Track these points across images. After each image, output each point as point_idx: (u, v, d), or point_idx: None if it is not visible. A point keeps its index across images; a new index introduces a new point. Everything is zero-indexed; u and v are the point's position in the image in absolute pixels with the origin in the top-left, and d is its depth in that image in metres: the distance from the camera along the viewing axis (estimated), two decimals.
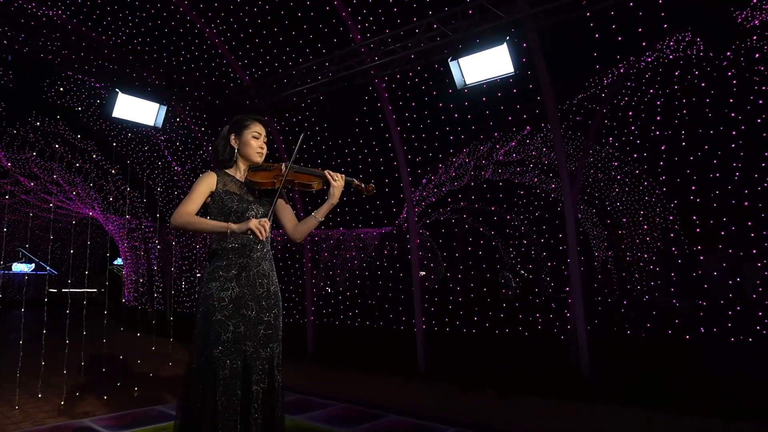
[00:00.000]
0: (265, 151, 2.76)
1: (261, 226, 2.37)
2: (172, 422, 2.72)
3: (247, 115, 2.78)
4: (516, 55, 4.64)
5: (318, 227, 2.85)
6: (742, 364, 6.50)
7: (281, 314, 2.75)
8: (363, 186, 2.71)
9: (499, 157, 14.40)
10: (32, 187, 15.68)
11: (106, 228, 17.12)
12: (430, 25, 5.49)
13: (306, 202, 7.83)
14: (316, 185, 2.68)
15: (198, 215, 2.61)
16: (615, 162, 10.20)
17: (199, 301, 2.62)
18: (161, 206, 12.56)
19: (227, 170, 2.73)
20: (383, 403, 4.86)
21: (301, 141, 2.69)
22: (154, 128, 6.01)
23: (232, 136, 2.73)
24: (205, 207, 2.70)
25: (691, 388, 5.19)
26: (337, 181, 2.64)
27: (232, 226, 2.46)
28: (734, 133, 6.17)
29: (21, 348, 5.29)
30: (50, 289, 23.41)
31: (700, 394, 4.90)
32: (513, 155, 13.75)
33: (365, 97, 6.88)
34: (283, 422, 2.63)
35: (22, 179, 15.37)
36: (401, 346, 7.54)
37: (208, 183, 2.64)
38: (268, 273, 2.67)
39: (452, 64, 4.85)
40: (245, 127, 2.72)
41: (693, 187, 6.62)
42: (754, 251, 6.90)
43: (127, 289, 17.57)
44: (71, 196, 15.74)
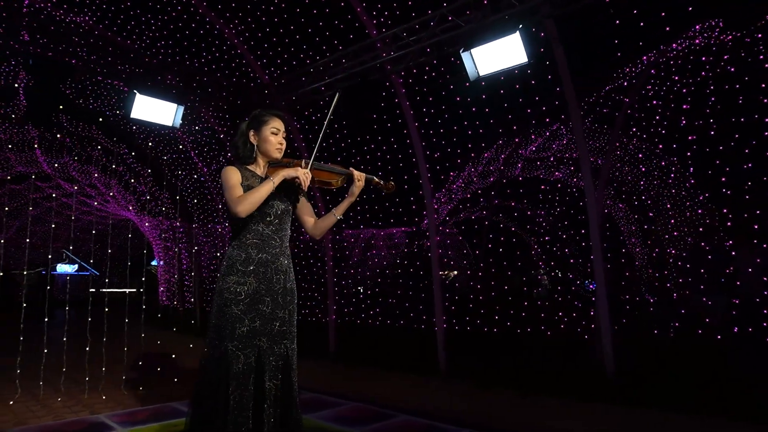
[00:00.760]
0: (284, 146, 2.72)
1: (306, 176, 2.52)
2: (184, 419, 2.71)
3: (266, 110, 2.74)
4: (530, 44, 4.47)
5: (338, 225, 2.83)
6: None
7: (296, 311, 2.71)
8: (383, 183, 2.69)
9: (528, 152, 14.10)
10: (73, 190, 16.28)
11: (142, 229, 17.58)
12: (443, 16, 5.37)
13: (327, 200, 7.81)
14: (336, 183, 2.65)
15: (220, 212, 2.64)
16: (640, 155, 9.79)
17: (215, 294, 2.61)
18: (190, 207, 12.81)
19: (248, 166, 2.71)
20: (397, 402, 4.78)
21: (321, 138, 2.67)
22: (172, 128, 6.08)
23: (251, 132, 2.70)
24: (224, 203, 2.71)
25: (720, 389, 4.91)
26: (360, 180, 2.65)
27: (281, 172, 2.52)
28: None
29: (56, 345, 5.44)
30: (91, 289, 24.21)
31: (728, 397, 4.63)
32: (542, 151, 13.44)
33: (382, 93, 6.81)
34: (300, 420, 2.59)
35: (62, 183, 15.97)
36: (423, 345, 7.43)
37: (236, 176, 2.60)
38: (286, 269, 2.65)
39: (464, 56, 4.72)
40: (264, 122, 2.67)
41: (724, 179, 6.25)
42: None
43: (161, 288, 18.00)
44: (108, 198, 16.25)
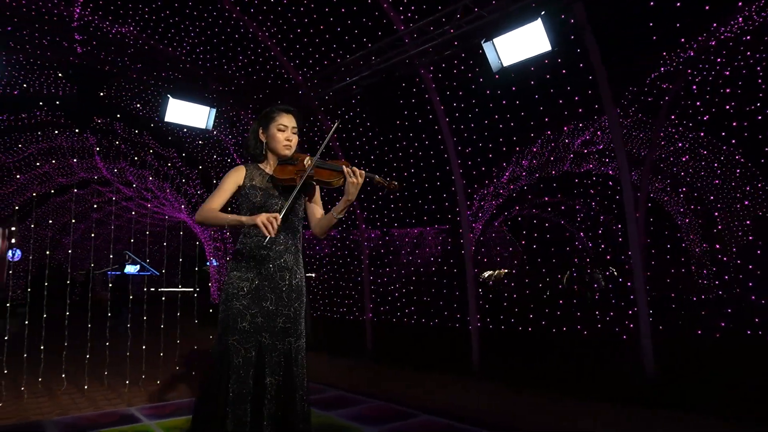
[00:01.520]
0: (293, 143, 2.68)
1: (269, 222, 2.28)
2: None
3: (275, 106, 2.71)
4: (553, 31, 4.29)
5: (372, 224, 2.78)
6: None
7: (303, 308, 2.68)
8: (385, 182, 2.46)
9: (577, 146, 13.62)
10: (131, 194, 17.13)
11: (195, 230, 18.27)
12: (467, 7, 5.25)
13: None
14: (337, 182, 2.52)
15: (226, 210, 2.63)
16: (679, 143, 9.20)
17: (221, 289, 2.64)
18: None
19: (259, 164, 2.72)
20: (423, 402, 4.70)
21: (331, 134, 2.61)
22: (206, 131, 6.25)
23: (260, 130, 2.70)
24: (235, 202, 2.71)
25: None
26: (353, 177, 2.43)
27: (243, 218, 2.44)
28: None
29: (110, 341, 5.73)
30: (151, 289, 25.37)
31: None
32: (592, 144, 12.94)
33: (412, 89, 6.73)
34: (308, 417, 2.57)
35: (121, 187, 16.81)
36: (461, 344, 7.31)
37: (234, 178, 2.63)
38: (292, 266, 2.62)
39: (486, 46, 4.58)
40: (271, 119, 2.66)
41: None
42: None
43: (213, 286, 18.62)
44: (163, 201, 16.98)
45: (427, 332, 8.49)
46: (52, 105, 9.77)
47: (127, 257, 27.01)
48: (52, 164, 14.15)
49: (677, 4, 4.94)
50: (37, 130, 12.65)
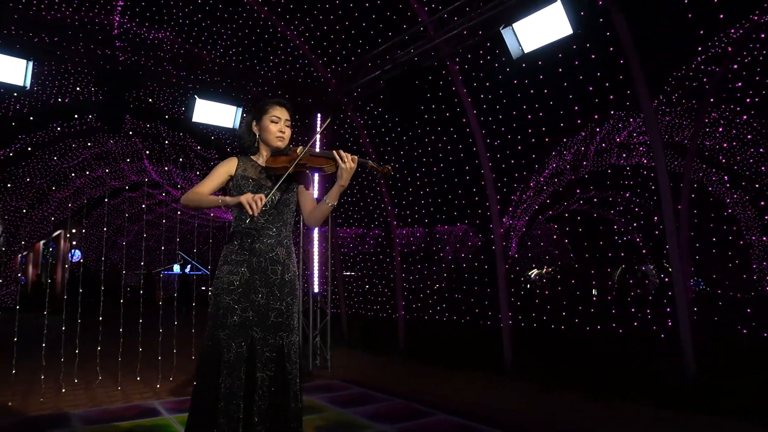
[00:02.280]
0: (286, 135, 2.66)
1: (252, 201, 2.28)
2: None
3: (269, 99, 2.71)
4: (574, 13, 4.07)
5: (404, 220, 2.74)
6: None
7: (296, 303, 2.63)
8: (378, 167, 2.47)
9: (623, 138, 13.06)
10: (178, 195, 17.72)
11: None
12: None
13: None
14: (329, 168, 2.51)
15: None
16: (720, 130, 8.59)
17: (212, 283, 2.63)
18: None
19: (252, 156, 2.71)
20: (444, 401, 4.58)
21: (325, 125, 2.60)
22: (233, 130, 6.33)
23: (253, 123, 2.68)
24: (226, 192, 2.70)
25: None
26: (347, 163, 2.42)
27: (227, 198, 2.44)
28: None
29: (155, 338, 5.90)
30: (202, 288, 26.16)
31: None
32: (638, 135, 12.39)
33: (439, 82, 6.60)
34: (300, 413, 2.53)
35: (170, 189, 17.40)
36: (492, 341, 7.13)
37: (226, 167, 2.62)
38: (284, 260, 2.57)
39: (505, 32, 4.41)
40: (264, 112, 2.64)
41: None
42: None
43: None
44: None
45: (461, 329, 8.34)
46: (98, 110, 10.18)
47: (179, 258, 27.92)
48: (105, 171, 14.79)
49: None
50: (88, 136, 13.28)
